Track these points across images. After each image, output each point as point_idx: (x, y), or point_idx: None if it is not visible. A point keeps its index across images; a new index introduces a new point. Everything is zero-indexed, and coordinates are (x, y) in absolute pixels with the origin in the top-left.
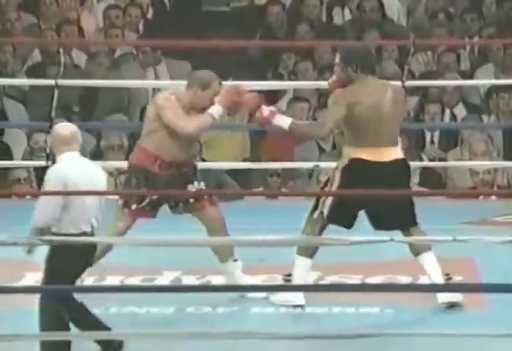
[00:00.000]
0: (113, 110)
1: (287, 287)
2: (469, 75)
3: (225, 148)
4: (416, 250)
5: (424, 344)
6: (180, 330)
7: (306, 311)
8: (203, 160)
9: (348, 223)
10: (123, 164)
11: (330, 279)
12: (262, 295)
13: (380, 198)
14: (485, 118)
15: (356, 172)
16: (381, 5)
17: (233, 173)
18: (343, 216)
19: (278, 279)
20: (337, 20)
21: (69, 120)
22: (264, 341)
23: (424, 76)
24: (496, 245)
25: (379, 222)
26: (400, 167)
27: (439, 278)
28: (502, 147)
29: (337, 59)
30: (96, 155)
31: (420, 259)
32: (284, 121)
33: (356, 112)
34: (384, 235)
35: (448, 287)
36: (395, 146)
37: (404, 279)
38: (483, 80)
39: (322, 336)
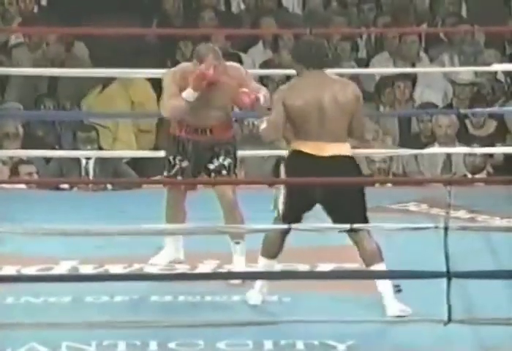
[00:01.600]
0: (9, 98)
1: (188, 276)
2: (365, 63)
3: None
4: (368, 260)
5: (322, 330)
6: (78, 319)
7: (206, 299)
8: (100, 148)
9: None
10: (18, 153)
11: (228, 267)
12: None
13: (329, 196)
14: (381, 106)
15: (297, 165)
16: None
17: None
18: (293, 214)
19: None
20: (234, 8)
21: None
22: (162, 329)
23: None
24: (392, 232)
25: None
26: (342, 164)
27: (388, 291)
28: (399, 135)
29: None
30: None
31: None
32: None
33: (294, 107)
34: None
35: (344, 274)
36: (341, 143)
37: (302, 267)
38: (380, 69)
39: (223, 323)
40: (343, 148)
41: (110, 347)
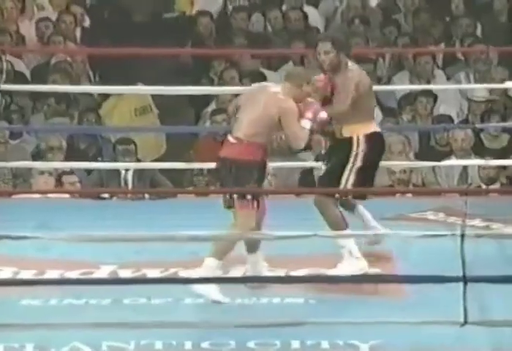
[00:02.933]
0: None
1: (217, 280)
2: (386, 81)
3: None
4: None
5: (346, 331)
6: (118, 320)
7: (236, 302)
8: (138, 160)
9: None
10: (62, 165)
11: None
12: None
13: None
14: (405, 119)
15: (378, 143)
16: (305, 15)
17: (166, 172)
18: None
19: None
20: (262, 29)
21: (10, 122)
22: (196, 329)
23: None
24: (411, 239)
25: None
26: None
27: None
28: (418, 148)
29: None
30: (36, 156)
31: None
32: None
33: (361, 91)
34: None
35: (367, 278)
36: None
37: (327, 272)
38: (400, 86)
39: (253, 324)
40: None
41: (147, 346)
